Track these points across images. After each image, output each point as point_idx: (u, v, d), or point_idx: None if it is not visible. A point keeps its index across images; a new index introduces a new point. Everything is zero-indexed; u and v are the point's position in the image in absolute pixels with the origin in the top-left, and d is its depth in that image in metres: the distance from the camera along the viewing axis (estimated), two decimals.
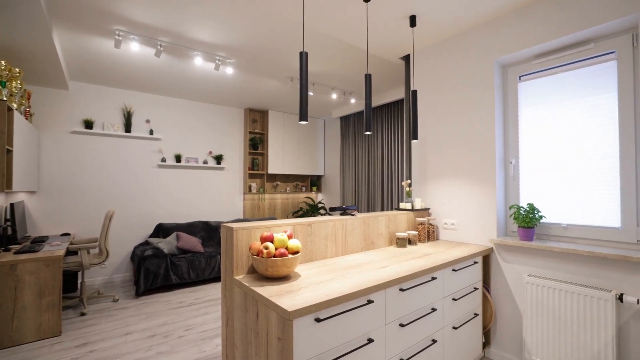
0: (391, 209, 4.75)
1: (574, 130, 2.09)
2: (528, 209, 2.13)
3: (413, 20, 2.33)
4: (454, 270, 1.98)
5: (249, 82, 4.17)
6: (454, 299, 1.97)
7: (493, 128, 2.33)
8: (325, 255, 1.97)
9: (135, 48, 2.91)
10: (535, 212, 2.11)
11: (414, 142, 2.92)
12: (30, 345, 2.56)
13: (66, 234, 3.85)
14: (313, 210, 5.85)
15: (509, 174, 2.38)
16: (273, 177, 5.95)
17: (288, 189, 6.06)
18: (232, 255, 1.57)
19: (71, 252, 3.90)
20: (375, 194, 5.13)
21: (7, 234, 3.00)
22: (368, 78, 1.99)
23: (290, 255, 1.49)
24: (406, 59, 3.03)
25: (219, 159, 5.23)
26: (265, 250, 1.47)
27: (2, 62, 2.67)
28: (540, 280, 2.03)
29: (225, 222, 2.84)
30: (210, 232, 4.81)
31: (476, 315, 2.20)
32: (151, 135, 4.58)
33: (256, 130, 5.59)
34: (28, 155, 3.25)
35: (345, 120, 5.83)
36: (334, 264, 1.84)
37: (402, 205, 2.67)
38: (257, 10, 2.43)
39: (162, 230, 4.49)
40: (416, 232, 2.41)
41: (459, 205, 2.54)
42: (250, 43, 3.00)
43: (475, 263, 2.19)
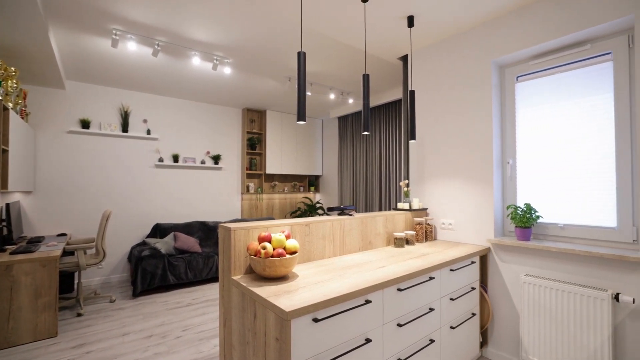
0: (389, 209, 4.76)
1: (571, 131, 2.10)
2: (525, 208, 2.14)
3: (411, 21, 2.34)
4: (451, 270, 1.99)
5: (247, 82, 4.16)
6: (451, 299, 1.97)
7: (490, 128, 2.34)
8: (323, 255, 1.97)
9: (132, 47, 2.90)
10: (533, 212, 2.12)
11: (411, 142, 2.93)
12: (26, 346, 2.54)
13: (63, 234, 3.83)
14: (311, 210, 5.85)
15: (507, 174, 2.39)
16: (271, 177, 5.94)
17: (286, 189, 6.05)
18: (230, 255, 1.57)
19: (68, 253, 3.88)
20: (373, 194, 5.13)
21: (3, 235, 2.98)
22: (366, 78, 1.99)
23: (288, 256, 1.49)
24: (404, 59, 3.03)
25: (216, 159, 5.22)
26: (263, 251, 1.47)
27: None
28: (537, 280, 2.04)
29: (223, 222, 2.83)
30: (207, 232, 4.80)
31: (474, 315, 2.21)
32: (148, 135, 4.56)
33: (254, 130, 5.58)
34: (24, 155, 3.23)
35: (343, 120, 5.83)
36: (331, 264, 1.83)
37: (400, 205, 2.67)
38: (255, 10, 2.43)
39: (160, 231, 4.48)
40: (414, 232, 2.42)
41: (457, 205, 2.55)
42: (248, 43, 2.99)
43: (472, 263, 2.20)
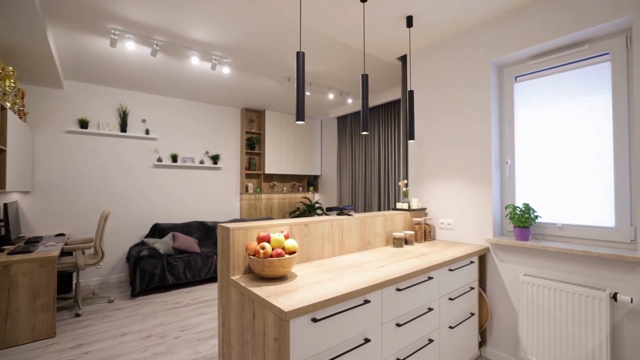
0: (388, 209, 4.77)
1: (570, 131, 2.11)
2: (524, 208, 2.15)
3: (410, 21, 2.34)
4: (450, 270, 1.99)
5: (246, 82, 4.16)
6: (450, 299, 1.98)
7: (489, 128, 2.35)
8: (322, 255, 1.97)
9: (131, 47, 2.89)
10: (531, 212, 2.13)
11: (410, 142, 2.93)
12: (24, 347, 2.53)
13: (61, 235, 3.82)
14: (310, 210, 5.85)
15: (505, 174, 2.40)
16: (270, 177, 5.94)
17: (285, 189, 6.05)
18: (229, 255, 1.57)
19: (66, 253, 3.87)
20: (372, 194, 5.14)
21: (1, 235, 2.97)
22: (365, 78, 1.99)
23: (287, 256, 1.49)
24: (403, 59, 3.03)
25: (215, 159, 5.21)
26: (261, 251, 1.47)
27: None
28: (535, 280, 2.05)
29: (222, 222, 2.83)
30: (206, 232, 4.79)
31: (472, 314, 2.21)
32: (147, 135, 4.55)
33: (253, 130, 5.58)
34: (22, 155, 3.22)
35: (342, 120, 5.83)
36: (330, 264, 1.83)
37: (399, 205, 2.67)
38: (254, 10, 2.43)
39: (158, 231, 4.47)
40: (413, 232, 2.42)
41: (456, 205, 2.56)
42: (247, 42, 2.99)
43: (471, 263, 2.20)
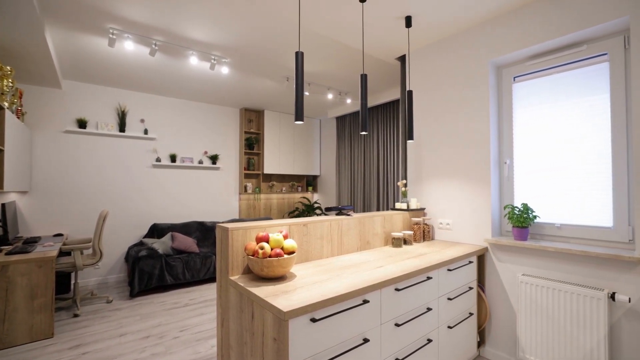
0: (387, 209, 4.77)
1: (568, 131, 2.11)
2: (522, 208, 2.15)
3: (409, 21, 2.34)
4: (449, 270, 1.99)
5: (245, 82, 4.15)
6: (449, 299, 1.98)
7: (488, 128, 2.35)
8: (321, 255, 1.97)
9: (129, 47, 2.88)
10: (530, 212, 2.13)
11: (409, 142, 2.93)
12: (22, 347, 2.53)
13: (59, 235, 3.80)
14: (309, 210, 5.85)
15: (504, 174, 2.40)
16: (269, 177, 5.93)
17: (284, 189, 6.04)
18: (228, 255, 1.56)
19: (64, 253, 3.86)
20: (371, 194, 5.14)
21: None
22: (364, 78, 1.99)
23: (285, 256, 1.49)
24: (402, 59, 3.04)
25: (214, 159, 5.20)
26: (260, 251, 1.47)
27: None
28: (534, 280, 2.05)
29: (221, 222, 2.82)
30: (205, 233, 4.78)
31: (471, 314, 2.22)
32: (146, 135, 4.54)
33: (252, 130, 5.58)
34: (20, 155, 3.21)
35: (341, 120, 5.83)
36: (329, 264, 1.83)
37: (398, 205, 2.67)
38: (254, 10, 2.42)
39: (157, 231, 4.46)
40: (412, 232, 2.42)
41: (454, 205, 2.56)
42: (246, 42, 2.99)
43: (470, 263, 2.20)
